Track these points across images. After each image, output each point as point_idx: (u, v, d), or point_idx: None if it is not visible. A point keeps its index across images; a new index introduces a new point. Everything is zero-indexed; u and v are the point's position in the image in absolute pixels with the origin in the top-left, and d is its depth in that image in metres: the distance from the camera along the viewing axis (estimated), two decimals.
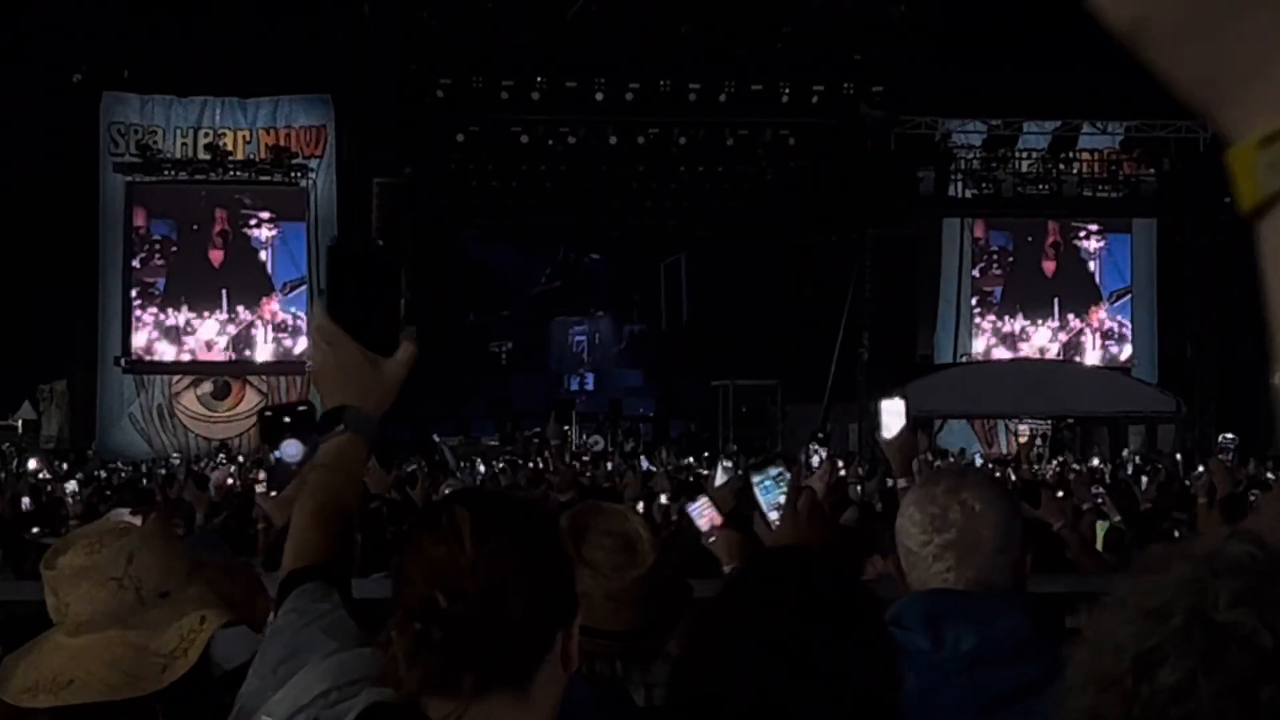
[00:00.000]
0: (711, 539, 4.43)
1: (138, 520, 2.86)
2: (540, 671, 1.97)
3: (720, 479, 6.49)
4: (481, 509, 2.02)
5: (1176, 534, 9.35)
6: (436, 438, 30.21)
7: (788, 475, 4.08)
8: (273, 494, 7.25)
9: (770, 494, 4.01)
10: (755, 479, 4.07)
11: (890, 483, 4.79)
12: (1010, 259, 35.50)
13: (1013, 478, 17.93)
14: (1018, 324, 35.46)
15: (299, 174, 32.83)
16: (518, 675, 1.96)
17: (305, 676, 2.11)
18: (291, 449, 3.32)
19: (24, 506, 12.47)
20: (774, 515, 3.96)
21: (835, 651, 2.07)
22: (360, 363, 2.34)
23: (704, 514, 4.46)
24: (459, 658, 1.92)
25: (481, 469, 22.17)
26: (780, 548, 3.73)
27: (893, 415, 5.02)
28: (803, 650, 2.06)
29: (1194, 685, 1.07)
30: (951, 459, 25.07)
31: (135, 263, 32.96)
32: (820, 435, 30.45)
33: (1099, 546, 8.75)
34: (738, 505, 4.96)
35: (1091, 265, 35.74)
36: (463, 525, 1.96)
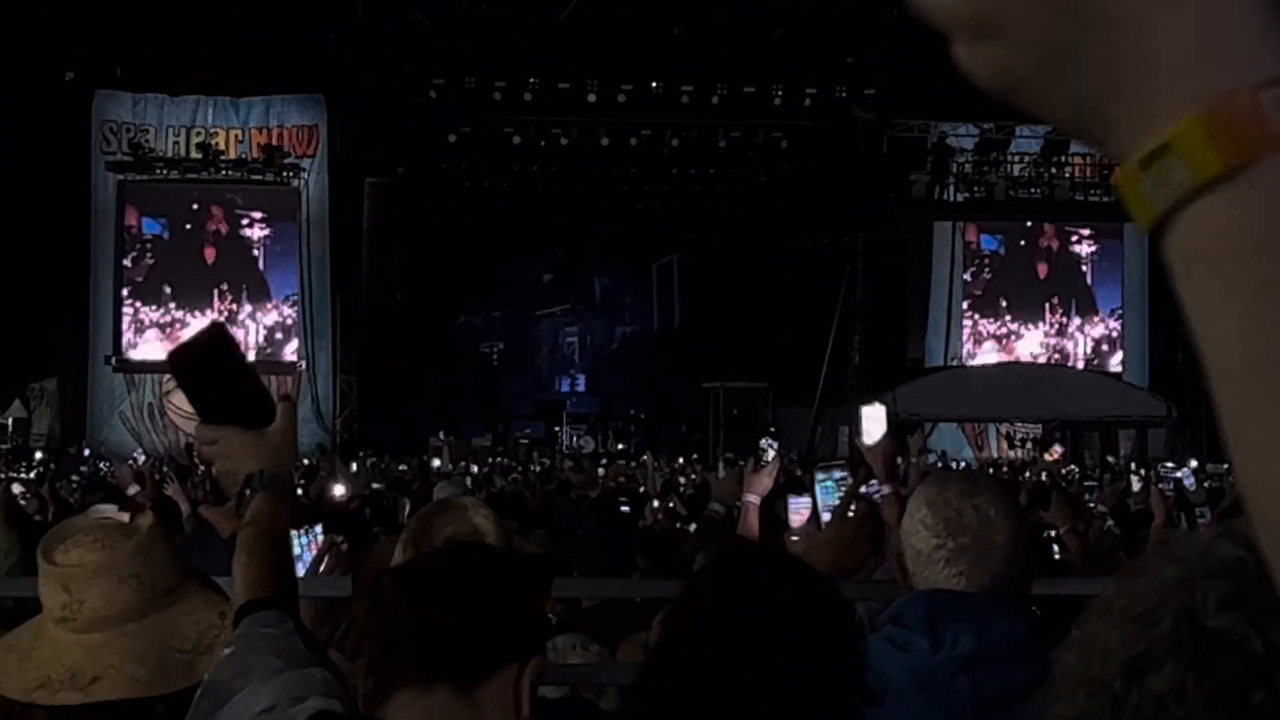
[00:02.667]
0: (794, 538, 4.43)
1: (124, 517, 2.87)
2: (489, 684, 2.06)
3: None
4: (465, 556, 2.28)
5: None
6: (434, 441, 30.20)
7: (849, 480, 4.10)
8: None
9: (830, 495, 4.03)
10: (819, 477, 4.09)
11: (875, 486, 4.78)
12: (1002, 263, 35.53)
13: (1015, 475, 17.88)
14: (1009, 328, 35.49)
15: (291, 174, 32.79)
16: (464, 674, 2.05)
17: (249, 696, 2.15)
18: None
19: None
20: (827, 516, 3.98)
21: (799, 650, 2.06)
22: (247, 440, 2.59)
23: (801, 511, 4.45)
24: (410, 632, 2.05)
25: (474, 469, 22.10)
26: (742, 545, 3.73)
27: (874, 421, 5.00)
28: (767, 650, 2.06)
29: (1184, 691, 1.06)
30: (938, 462, 25.04)
31: (127, 261, 32.92)
32: (772, 430, 30.44)
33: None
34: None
35: (1085, 270, 35.79)
36: (442, 560, 2.25)
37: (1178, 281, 0.80)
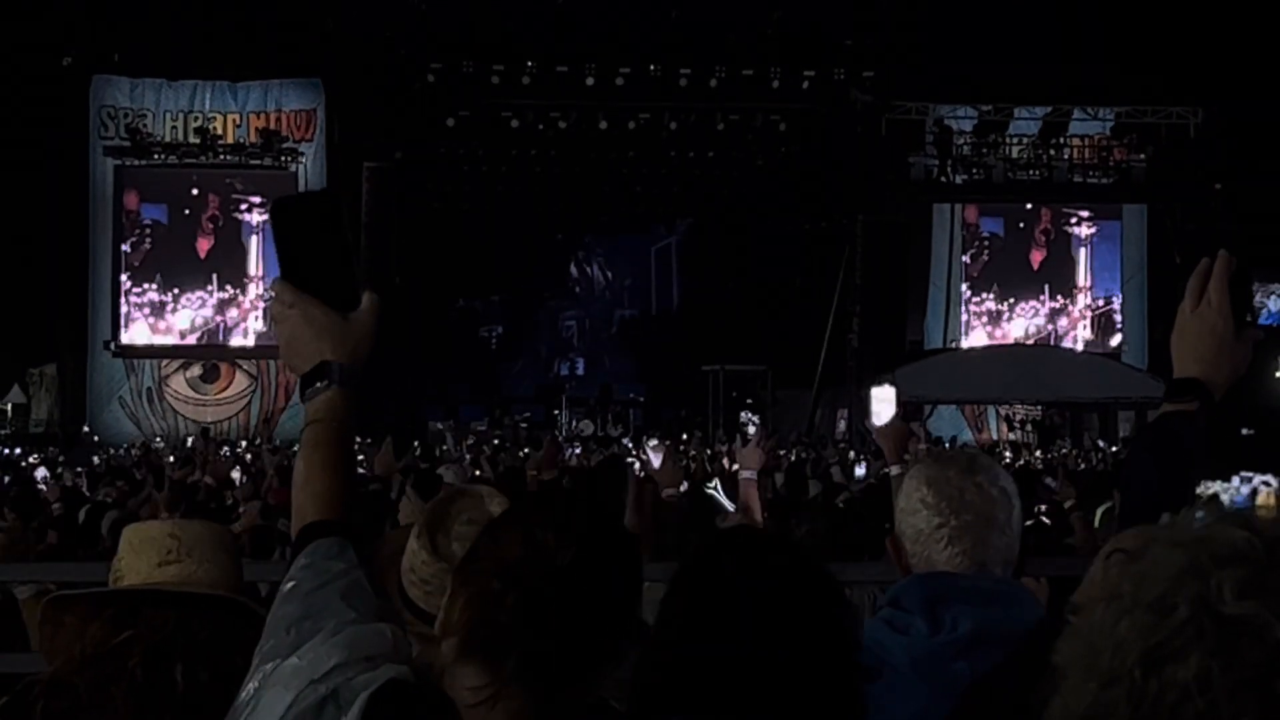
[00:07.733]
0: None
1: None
2: (566, 692, 1.94)
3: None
4: (594, 517, 2.01)
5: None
6: (439, 425, 30.21)
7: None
8: None
9: None
10: None
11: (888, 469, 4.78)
12: (1001, 245, 35.48)
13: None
14: (1007, 309, 35.45)
15: (289, 158, 32.73)
16: (554, 682, 1.91)
17: (321, 647, 2.06)
18: None
19: None
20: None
21: (788, 629, 2.06)
22: (328, 318, 2.29)
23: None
24: (517, 632, 1.88)
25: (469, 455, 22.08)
26: (729, 528, 3.74)
27: (883, 403, 5.02)
28: (755, 629, 2.05)
29: (1209, 680, 1.05)
30: (947, 445, 25.03)
31: (125, 247, 32.86)
32: (750, 403, 30.42)
33: (1097, 526, 8.73)
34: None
35: (1083, 253, 35.73)
36: (572, 522, 1.95)
37: None
